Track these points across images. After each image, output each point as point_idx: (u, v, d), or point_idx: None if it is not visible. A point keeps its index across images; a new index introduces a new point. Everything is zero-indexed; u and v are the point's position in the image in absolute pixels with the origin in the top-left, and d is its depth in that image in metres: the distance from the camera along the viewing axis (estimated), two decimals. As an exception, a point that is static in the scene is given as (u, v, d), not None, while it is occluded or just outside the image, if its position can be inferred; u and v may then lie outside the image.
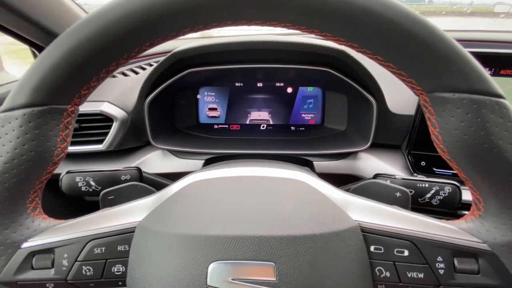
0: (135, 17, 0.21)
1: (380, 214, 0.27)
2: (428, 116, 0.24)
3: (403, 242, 0.26)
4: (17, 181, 0.24)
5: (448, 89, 0.22)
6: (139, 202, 0.30)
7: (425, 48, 0.21)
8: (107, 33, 0.21)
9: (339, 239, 0.25)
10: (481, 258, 0.25)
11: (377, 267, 0.26)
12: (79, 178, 0.45)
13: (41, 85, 0.23)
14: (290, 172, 0.32)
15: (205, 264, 0.23)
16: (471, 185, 0.25)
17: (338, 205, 0.28)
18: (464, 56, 0.21)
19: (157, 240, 0.26)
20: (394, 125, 0.61)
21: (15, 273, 0.26)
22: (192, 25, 0.22)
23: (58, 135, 0.25)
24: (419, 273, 0.26)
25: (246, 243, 0.24)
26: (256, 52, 0.58)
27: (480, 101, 0.21)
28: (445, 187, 0.39)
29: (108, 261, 0.28)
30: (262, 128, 0.73)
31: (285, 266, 0.23)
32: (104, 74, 0.24)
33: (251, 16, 0.22)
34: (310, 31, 0.23)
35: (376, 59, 0.23)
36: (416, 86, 0.23)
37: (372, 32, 0.21)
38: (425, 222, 0.27)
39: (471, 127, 0.22)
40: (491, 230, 0.25)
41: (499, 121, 0.21)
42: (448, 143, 0.23)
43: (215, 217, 0.26)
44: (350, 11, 0.20)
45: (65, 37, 0.22)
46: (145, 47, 0.23)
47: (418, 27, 0.20)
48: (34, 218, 0.28)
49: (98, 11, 0.21)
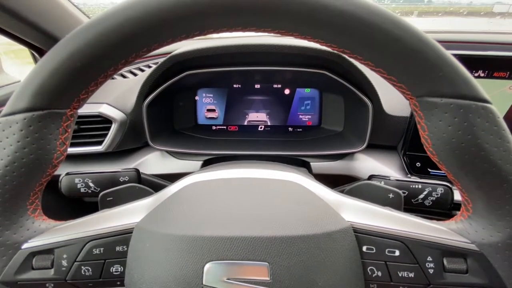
0: (133, 24, 0.21)
1: (372, 215, 0.28)
2: (418, 120, 0.25)
3: (394, 243, 0.26)
4: (18, 184, 0.25)
5: (436, 94, 0.22)
6: (137, 203, 0.31)
7: (412, 54, 0.21)
8: (106, 39, 0.22)
9: (331, 240, 0.26)
10: (469, 258, 0.25)
11: (369, 266, 0.27)
12: (78, 180, 0.46)
13: (41, 90, 0.23)
14: (285, 173, 0.33)
15: (201, 264, 0.24)
16: (460, 186, 0.25)
17: (331, 206, 0.29)
18: (450, 62, 0.21)
19: (154, 241, 0.26)
20: (390, 126, 0.62)
21: (15, 273, 0.27)
22: (188, 32, 0.23)
23: (58, 139, 0.26)
24: (409, 272, 0.26)
25: (241, 244, 0.24)
26: (254, 55, 0.58)
27: (467, 106, 0.22)
28: (437, 188, 0.40)
29: (106, 261, 0.28)
30: (260, 129, 0.74)
31: (279, 266, 0.24)
32: (103, 79, 0.25)
33: (246, 23, 0.23)
34: (303, 37, 0.23)
35: (367, 65, 0.24)
36: (406, 91, 0.24)
37: (362, 39, 0.22)
38: (416, 223, 0.27)
39: (459, 131, 0.22)
40: (479, 231, 0.25)
41: (485, 125, 0.22)
42: (437, 146, 0.24)
43: (211, 218, 0.27)
44: (341, 19, 0.21)
45: (65, 42, 0.22)
46: (142, 52, 0.24)
47: (406, 34, 0.21)
48: (34, 219, 0.28)
49: (98, 18, 0.22)
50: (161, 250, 0.26)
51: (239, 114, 0.73)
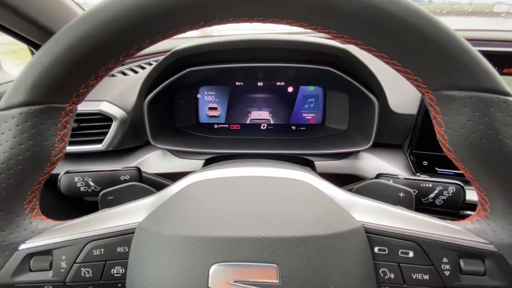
0: (134, 13, 0.20)
1: (384, 214, 0.27)
2: (434, 115, 0.23)
3: (408, 243, 0.25)
4: (14, 182, 0.24)
5: (455, 87, 0.21)
6: (138, 202, 0.30)
7: (431, 46, 0.20)
8: (106, 29, 0.21)
9: (342, 240, 0.25)
10: (487, 259, 0.24)
11: (381, 268, 0.26)
12: (78, 178, 0.45)
13: (38, 83, 0.22)
14: (292, 172, 0.32)
15: (207, 266, 0.23)
16: (478, 185, 0.24)
17: (341, 205, 0.28)
18: (471, 54, 0.20)
19: (157, 242, 0.25)
20: (396, 124, 0.61)
21: (12, 275, 0.26)
22: (192, 22, 0.22)
23: (56, 135, 0.25)
24: (424, 274, 0.25)
25: (248, 245, 0.23)
26: (257, 51, 0.57)
27: (488, 99, 0.21)
28: (449, 187, 0.39)
29: (107, 262, 0.27)
30: (262, 127, 0.73)
31: (288, 268, 0.23)
32: (103, 72, 0.24)
33: (253, 13, 0.22)
34: (313, 28, 0.22)
35: (380, 57, 0.23)
36: (421, 84, 0.23)
37: (377, 29, 0.20)
38: (430, 223, 0.26)
39: (479, 126, 0.21)
40: (497, 231, 0.24)
41: (508, 120, 0.21)
42: (455, 142, 0.23)
43: (216, 218, 0.26)
44: (355, 7, 0.20)
45: (63, 34, 0.21)
46: (145, 44, 0.23)
47: (424, 23, 0.20)
48: (31, 219, 0.27)
49: (96, 7, 0.21)
50: (164, 251, 0.25)
51: (241, 113, 0.72)
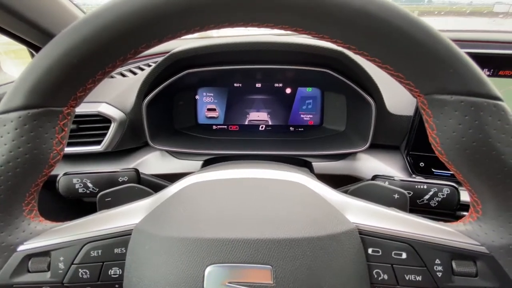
0: (131, 18, 0.20)
1: (378, 216, 0.27)
2: (426, 118, 0.24)
3: (401, 245, 0.26)
4: (13, 184, 0.24)
5: (445, 91, 0.21)
6: (136, 204, 0.30)
7: (422, 50, 0.20)
8: (103, 34, 0.21)
9: (336, 242, 0.25)
10: (479, 260, 0.25)
11: (374, 269, 0.26)
12: (76, 180, 0.45)
13: (36, 87, 0.22)
14: (288, 174, 0.32)
15: (202, 267, 0.23)
16: (469, 187, 0.25)
17: (335, 207, 0.28)
18: (461, 58, 0.21)
19: (154, 243, 0.26)
20: (393, 126, 0.61)
21: (11, 276, 0.26)
22: (188, 27, 0.22)
23: (54, 138, 0.25)
24: (417, 275, 0.25)
25: (243, 246, 0.24)
26: (255, 53, 0.58)
27: (478, 104, 0.21)
28: (443, 189, 0.39)
29: (104, 264, 0.27)
30: (261, 128, 0.73)
31: (282, 269, 0.23)
32: (100, 76, 0.24)
33: (248, 18, 0.22)
34: (307, 33, 0.23)
35: (374, 61, 0.23)
36: (413, 88, 0.23)
37: (370, 34, 0.21)
38: (423, 225, 0.27)
39: (469, 130, 0.21)
40: (489, 233, 0.24)
41: (497, 123, 0.21)
42: (446, 146, 0.23)
43: (212, 220, 0.26)
44: (348, 13, 0.20)
45: (61, 38, 0.22)
46: (141, 48, 0.23)
47: (415, 29, 0.20)
48: (30, 220, 0.27)
49: (94, 12, 0.21)
50: (160, 253, 0.25)
51: (239, 114, 0.72)
